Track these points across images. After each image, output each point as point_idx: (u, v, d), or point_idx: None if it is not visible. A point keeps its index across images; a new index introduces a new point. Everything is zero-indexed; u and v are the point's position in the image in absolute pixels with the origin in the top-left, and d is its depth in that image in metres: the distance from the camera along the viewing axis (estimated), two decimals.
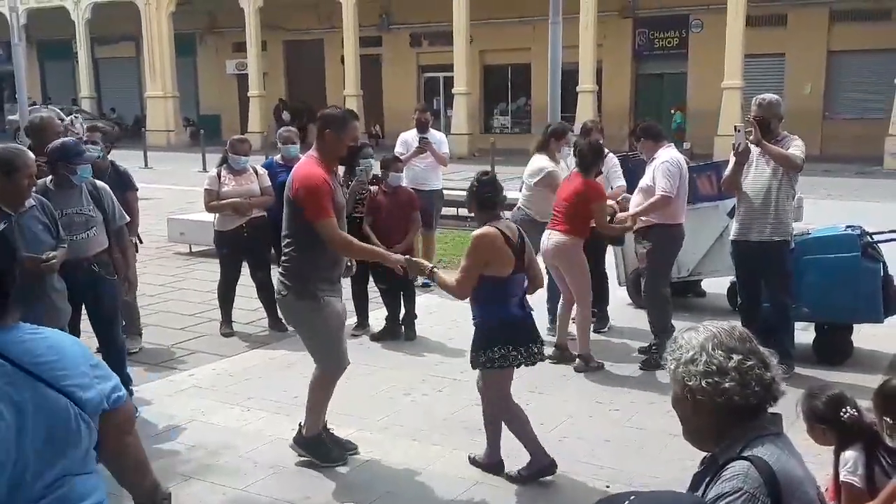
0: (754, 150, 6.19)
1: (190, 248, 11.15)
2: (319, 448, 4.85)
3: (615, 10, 26.99)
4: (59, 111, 32.00)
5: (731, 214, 7.59)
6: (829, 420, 3.41)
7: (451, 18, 26.56)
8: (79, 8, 34.68)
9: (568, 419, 5.54)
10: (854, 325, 6.70)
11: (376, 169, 7.69)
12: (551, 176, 7.07)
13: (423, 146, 8.91)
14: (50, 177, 5.44)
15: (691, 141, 23.74)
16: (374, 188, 7.34)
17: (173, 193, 17.58)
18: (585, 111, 25.58)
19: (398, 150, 8.98)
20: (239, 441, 5.15)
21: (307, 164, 4.67)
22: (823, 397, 3.53)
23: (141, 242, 7.19)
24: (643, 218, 6.58)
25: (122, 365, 5.63)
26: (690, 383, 2.06)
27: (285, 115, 33.51)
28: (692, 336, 2.12)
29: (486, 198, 4.58)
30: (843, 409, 3.36)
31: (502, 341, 4.51)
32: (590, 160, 6.46)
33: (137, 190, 6.96)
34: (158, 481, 2.47)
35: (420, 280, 7.90)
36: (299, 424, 4.92)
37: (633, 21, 27.89)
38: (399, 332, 7.36)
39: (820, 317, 6.66)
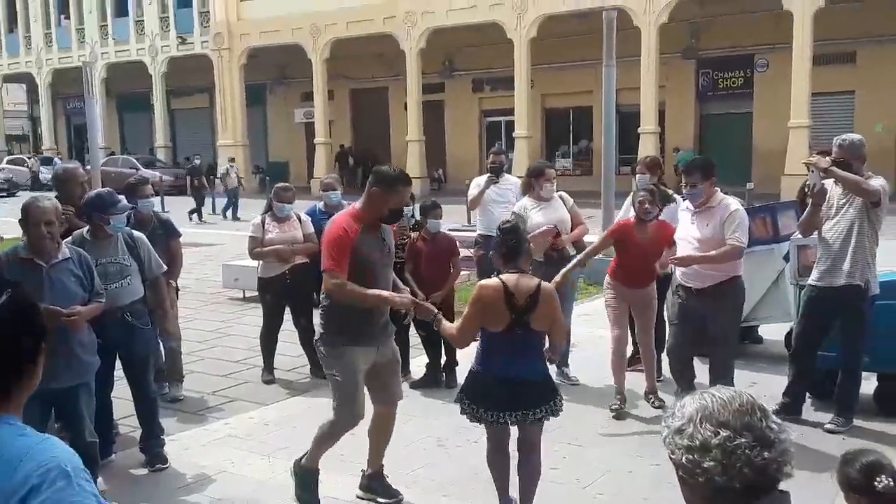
0: (836, 190, 5.85)
1: (244, 293, 11.18)
2: (306, 483, 4.82)
3: (677, 52, 26.68)
4: (133, 160, 33.09)
5: (786, 258, 7.26)
6: (863, 489, 3.07)
7: (512, 64, 26.66)
8: (156, 62, 35.92)
9: (606, 474, 5.26)
10: None
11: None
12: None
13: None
14: (87, 227, 5.47)
15: (755, 181, 23.08)
16: (413, 234, 7.22)
17: (236, 239, 17.74)
18: (647, 152, 25.16)
19: (472, 192, 8.83)
20: (264, 495, 5.00)
21: (340, 216, 4.67)
22: (857, 463, 3.17)
23: (178, 290, 7.17)
24: (695, 268, 5.85)
25: (154, 415, 5.59)
26: (674, 457, 1.84)
27: (350, 161, 34.00)
28: (687, 403, 1.88)
29: (507, 248, 4.38)
30: (878, 478, 3.03)
31: (471, 395, 4.37)
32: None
33: (181, 236, 6.97)
34: None
35: None
36: (362, 470, 4.98)
37: (696, 62, 27.53)
38: (440, 379, 7.17)
39: (881, 366, 6.25)
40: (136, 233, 5.72)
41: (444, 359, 7.20)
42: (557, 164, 30.99)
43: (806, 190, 6.14)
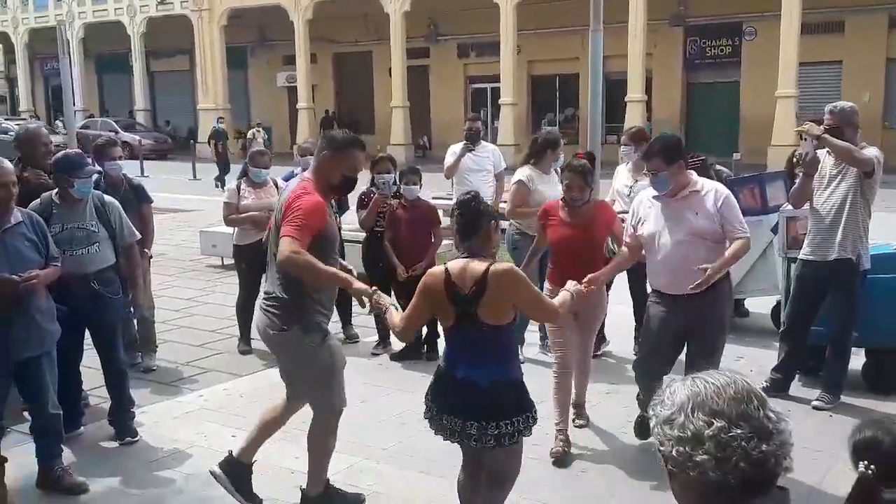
0: (828, 161, 5.67)
1: (222, 260, 10.98)
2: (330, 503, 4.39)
3: (665, 19, 26.39)
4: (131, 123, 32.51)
5: (774, 230, 7.13)
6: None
7: (498, 29, 26.34)
8: (134, 22, 35.29)
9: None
10: None
11: None
12: (519, 186, 6.64)
13: None
14: (56, 190, 5.26)
15: (742, 151, 22.98)
16: (394, 202, 7.03)
17: (218, 205, 17.47)
18: (634, 121, 25.03)
19: (447, 160, 8.59)
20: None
21: (301, 188, 4.11)
22: (860, 434, 2.80)
23: (151, 257, 6.96)
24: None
25: (123, 387, 5.42)
26: (663, 448, 1.68)
27: (257, 124, 33.51)
28: (677, 389, 1.71)
29: (459, 225, 3.76)
30: (863, 462, 2.70)
31: (430, 391, 3.86)
32: None
33: (152, 202, 6.76)
34: None
35: None
36: (300, 489, 4.41)
37: (684, 29, 27.26)
38: (421, 351, 7.02)
39: (869, 342, 6.15)
40: (108, 198, 5.50)
41: (425, 330, 7.04)
42: (544, 130, 30.78)
43: (796, 159, 5.95)
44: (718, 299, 4.77)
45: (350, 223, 8.35)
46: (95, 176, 5.38)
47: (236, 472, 4.34)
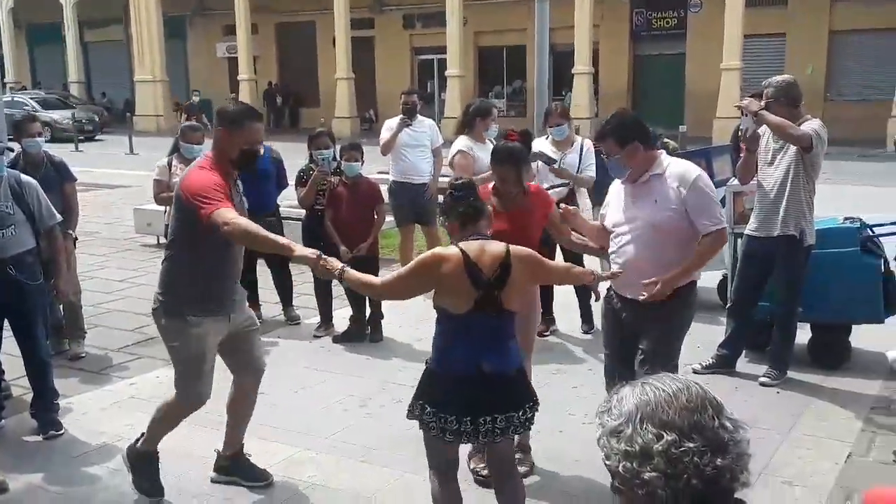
0: (771, 137, 5.60)
1: (158, 239, 10.61)
2: (144, 469, 4.26)
3: None
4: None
5: (721, 204, 7.08)
6: None
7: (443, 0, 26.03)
8: None
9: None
10: (852, 326, 6.18)
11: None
12: (462, 155, 6.62)
13: (542, 161, 6.56)
14: None
15: (688, 124, 23.10)
16: (334, 179, 6.80)
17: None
18: (581, 93, 25.09)
19: (383, 135, 8.33)
20: (165, 463, 4.60)
21: (197, 167, 4.01)
22: None
23: (76, 238, 6.65)
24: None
25: (46, 378, 5.16)
26: (609, 462, 1.53)
27: (277, 100, 33.03)
28: (625, 397, 1.56)
29: (463, 211, 3.51)
30: None
31: (431, 399, 3.43)
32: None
33: (76, 181, 6.45)
34: None
35: None
36: (216, 451, 4.44)
37: (631, 1, 27.24)
38: (364, 333, 6.84)
39: (815, 316, 6.12)
40: (25, 178, 5.19)
41: (368, 311, 6.86)
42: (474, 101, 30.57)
43: (739, 134, 5.90)
44: (676, 309, 4.12)
45: (290, 199, 8.10)
46: (10, 154, 5.04)
47: (233, 467, 4.38)
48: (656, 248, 4.03)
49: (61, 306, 6.38)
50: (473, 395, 3.37)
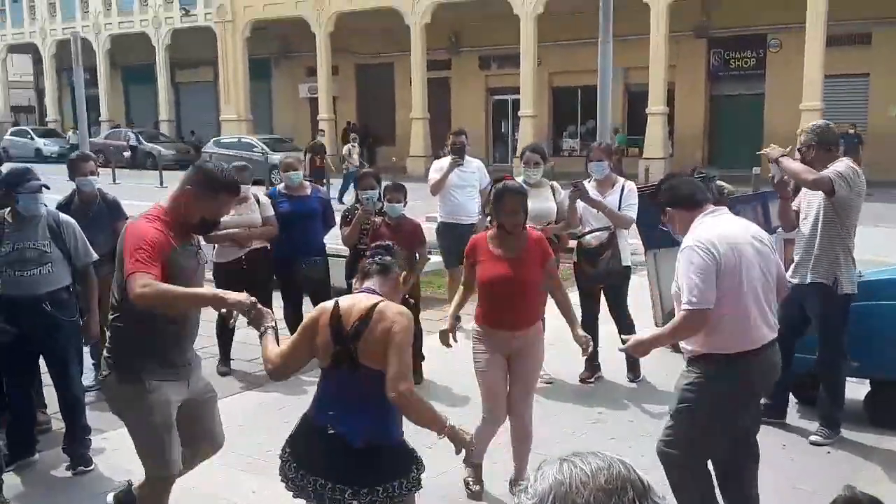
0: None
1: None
2: None
3: (688, 30, 25.97)
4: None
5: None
6: None
7: (519, 41, 26.09)
8: (159, 34, 35.50)
9: None
10: None
11: None
12: None
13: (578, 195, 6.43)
14: (8, 209, 5.06)
15: (765, 166, 22.49)
16: (378, 219, 6.75)
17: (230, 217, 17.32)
18: (655, 133, 24.73)
19: (432, 176, 8.30)
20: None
21: (141, 218, 3.67)
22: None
23: None
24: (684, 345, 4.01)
25: (77, 415, 5.18)
26: None
27: (353, 138, 33.43)
28: (544, 475, 1.41)
29: (368, 264, 3.48)
30: None
31: (294, 449, 3.36)
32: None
33: (127, 219, 6.53)
34: None
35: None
36: None
37: (708, 40, 26.81)
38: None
39: (875, 373, 5.77)
40: (64, 217, 5.27)
41: None
42: (564, 144, 30.43)
43: (774, 181, 5.70)
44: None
45: (335, 238, 8.09)
46: (43, 190, 5.10)
47: None
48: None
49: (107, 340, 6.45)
50: (328, 459, 3.24)
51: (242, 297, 3.50)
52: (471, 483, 4.81)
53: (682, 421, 3.88)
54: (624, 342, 4.15)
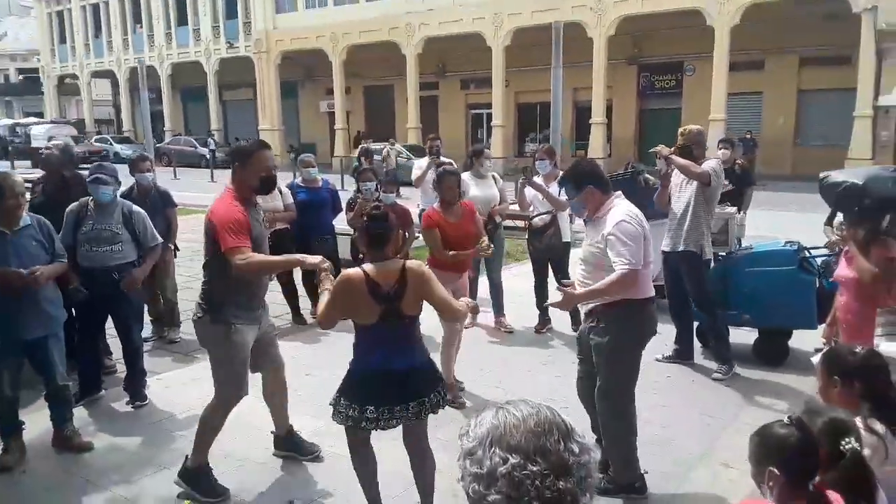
0: (678, 174, 5.45)
1: None
2: (201, 481, 3.74)
3: (623, 58, 25.74)
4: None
5: None
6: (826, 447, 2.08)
7: (492, 67, 25.78)
8: (209, 62, 34.96)
9: None
10: (792, 331, 5.74)
11: None
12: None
13: (526, 184, 6.32)
14: (91, 197, 4.91)
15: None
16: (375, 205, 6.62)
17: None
18: (597, 139, 24.58)
19: (415, 173, 8.12)
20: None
21: (221, 199, 3.65)
22: (822, 419, 2.18)
23: (178, 249, 6.61)
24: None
25: (136, 360, 5.07)
26: (462, 483, 1.26)
27: (391, 142, 33.10)
28: (482, 420, 1.27)
29: (375, 234, 3.24)
30: (845, 440, 2.11)
31: (353, 396, 3.21)
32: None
33: (176, 206, 6.41)
34: None
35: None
36: (185, 457, 3.87)
37: (638, 66, 26.58)
38: None
39: (761, 324, 5.72)
40: (136, 208, 5.10)
41: None
42: (527, 147, 30.19)
43: (658, 171, 5.73)
44: (616, 323, 3.64)
45: (341, 221, 7.97)
46: (113, 186, 4.95)
47: (194, 478, 3.76)
48: (587, 278, 3.70)
49: (162, 301, 6.34)
50: (389, 389, 3.18)
51: (315, 259, 3.54)
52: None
53: (612, 363, 3.69)
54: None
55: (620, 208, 3.65)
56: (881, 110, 19.83)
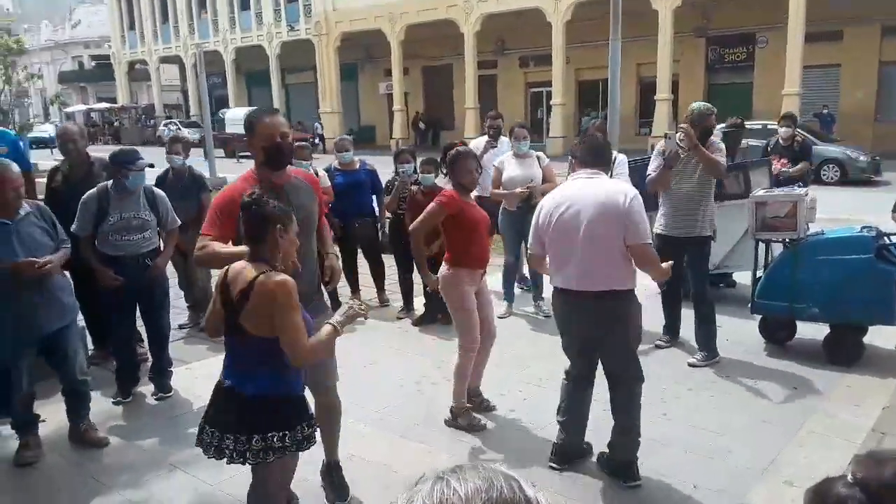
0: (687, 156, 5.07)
1: None
2: (339, 477, 3.54)
3: (690, 31, 24.51)
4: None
5: None
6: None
7: (551, 44, 25.01)
8: (271, 46, 35.17)
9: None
10: (867, 327, 5.13)
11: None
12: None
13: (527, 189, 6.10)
14: (111, 181, 4.73)
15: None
16: (414, 188, 6.29)
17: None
18: (661, 116, 23.56)
19: None
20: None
21: (234, 183, 3.27)
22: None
23: None
24: None
25: (163, 349, 4.92)
26: None
27: (421, 125, 32.87)
28: (419, 491, 0.92)
29: (248, 224, 2.62)
30: None
31: (205, 413, 2.79)
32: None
33: (210, 191, 6.21)
34: None
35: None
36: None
37: (706, 39, 25.28)
38: (436, 316, 6.30)
39: (830, 318, 5.13)
40: (157, 190, 4.92)
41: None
42: (582, 124, 29.32)
43: (669, 152, 5.09)
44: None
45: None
46: (146, 168, 4.77)
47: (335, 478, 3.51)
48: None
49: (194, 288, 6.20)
50: (219, 407, 2.68)
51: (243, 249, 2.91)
52: (478, 422, 4.25)
53: (628, 343, 3.58)
54: None
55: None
56: None
